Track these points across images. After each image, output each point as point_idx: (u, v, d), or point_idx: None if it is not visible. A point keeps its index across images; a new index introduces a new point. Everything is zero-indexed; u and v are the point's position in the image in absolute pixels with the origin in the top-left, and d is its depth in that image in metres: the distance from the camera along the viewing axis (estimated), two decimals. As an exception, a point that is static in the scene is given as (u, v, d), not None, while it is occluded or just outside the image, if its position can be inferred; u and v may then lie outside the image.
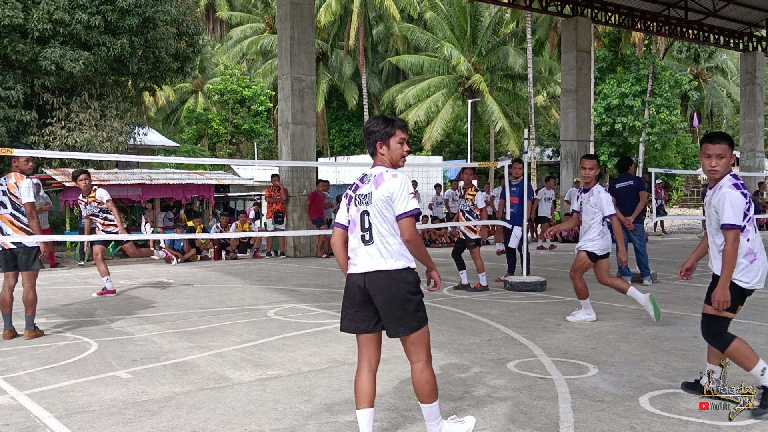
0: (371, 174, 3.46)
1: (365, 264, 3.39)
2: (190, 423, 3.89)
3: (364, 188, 3.44)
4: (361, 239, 3.41)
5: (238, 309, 7.86)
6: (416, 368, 3.41)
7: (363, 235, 3.40)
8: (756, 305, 7.70)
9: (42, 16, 15.46)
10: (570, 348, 5.65)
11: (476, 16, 36.06)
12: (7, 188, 6.41)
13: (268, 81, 38.15)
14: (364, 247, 3.40)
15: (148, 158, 11.79)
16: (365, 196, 3.41)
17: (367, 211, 3.40)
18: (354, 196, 3.48)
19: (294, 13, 15.02)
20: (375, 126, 3.46)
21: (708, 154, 4.00)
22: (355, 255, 3.44)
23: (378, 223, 3.37)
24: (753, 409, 3.89)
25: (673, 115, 33.46)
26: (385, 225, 3.36)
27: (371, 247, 3.38)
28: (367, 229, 3.39)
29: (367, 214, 3.39)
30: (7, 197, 6.41)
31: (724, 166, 3.98)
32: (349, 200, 3.52)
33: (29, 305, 6.47)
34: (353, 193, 3.50)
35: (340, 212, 3.58)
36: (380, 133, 3.44)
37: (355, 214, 3.45)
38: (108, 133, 17.48)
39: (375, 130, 3.44)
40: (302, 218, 15.03)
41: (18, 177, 6.48)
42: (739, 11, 24.23)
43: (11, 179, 6.47)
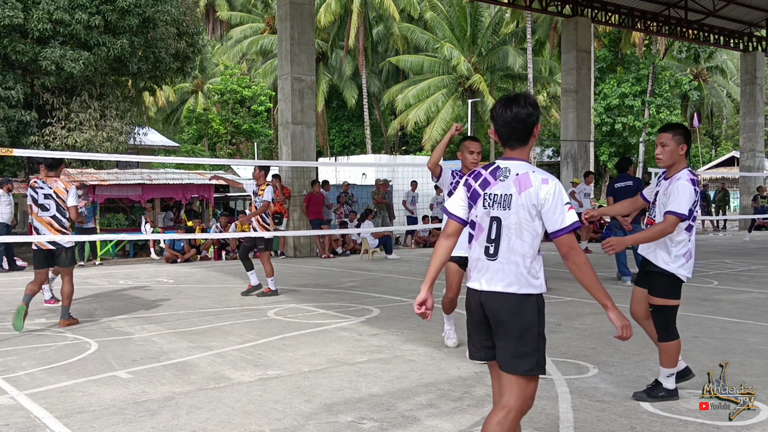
0: (509, 169, 2.77)
1: (486, 281, 2.76)
2: (190, 423, 3.89)
3: (498, 187, 2.76)
4: (485, 251, 2.78)
5: (238, 309, 7.86)
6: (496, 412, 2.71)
7: (488, 246, 2.77)
8: (756, 305, 7.70)
9: (42, 16, 15.45)
10: (570, 348, 5.65)
11: (476, 16, 36.06)
12: (53, 192, 6.89)
13: (268, 81, 38.15)
14: (487, 261, 2.77)
15: (148, 158, 11.80)
16: (501, 198, 2.75)
17: (498, 218, 2.74)
18: (483, 195, 2.80)
19: (294, 13, 15.03)
20: (528, 107, 2.76)
21: (656, 143, 4.26)
22: (476, 268, 2.82)
23: (512, 235, 2.72)
24: (636, 392, 4.24)
25: (673, 115, 33.47)
26: (519, 239, 2.72)
27: (494, 264, 2.75)
28: (493, 241, 2.75)
29: (499, 222, 2.74)
30: (52, 200, 6.88)
31: (667, 155, 4.15)
32: (474, 196, 2.83)
33: (66, 297, 6.94)
34: (482, 189, 2.81)
35: (455, 202, 2.89)
36: (537, 115, 2.77)
37: (483, 218, 2.80)
38: (108, 133, 17.47)
39: (532, 111, 2.75)
40: (302, 218, 15.05)
41: (66, 183, 7.01)
42: (739, 11, 24.23)
43: (58, 184, 6.94)
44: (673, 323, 4.18)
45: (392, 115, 41.39)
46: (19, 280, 11.16)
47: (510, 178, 2.75)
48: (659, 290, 4.18)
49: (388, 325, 6.70)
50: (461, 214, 2.88)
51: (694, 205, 4.05)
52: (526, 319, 2.71)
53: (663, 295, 4.17)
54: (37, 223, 6.90)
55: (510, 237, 2.74)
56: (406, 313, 7.39)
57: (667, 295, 4.16)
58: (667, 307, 4.18)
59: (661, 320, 4.20)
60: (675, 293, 4.17)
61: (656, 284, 4.19)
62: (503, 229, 2.74)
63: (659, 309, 4.20)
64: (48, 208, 6.86)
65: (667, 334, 4.17)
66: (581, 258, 2.70)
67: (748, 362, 5.08)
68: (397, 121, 37.46)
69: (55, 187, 6.92)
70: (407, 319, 7.02)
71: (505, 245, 2.74)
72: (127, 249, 15.46)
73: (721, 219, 23.02)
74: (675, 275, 4.14)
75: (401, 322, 6.85)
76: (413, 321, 6.93)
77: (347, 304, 8.04)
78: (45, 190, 6.89)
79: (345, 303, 8.16)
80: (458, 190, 2.91)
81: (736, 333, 6.15)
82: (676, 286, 4.17)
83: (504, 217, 2.74)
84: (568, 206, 2.70)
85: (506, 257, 2.74)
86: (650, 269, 4.21)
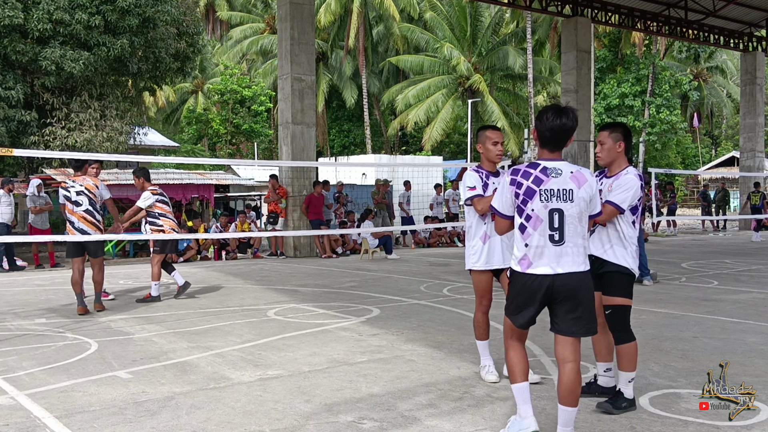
0: (559, 169, 3.31)
1: (556, 264, 3.28)
2: (190, 423, 3.89)
3: (554, 183, 3.28)
4: (550, 238, 3.28)
5: (238, 309, 7.86)
6: (571, 368, 3.32)
7: (552, 234, 3.28)
8: (756, 305, 7.70)
9: (42, 16, 15.45)
10: (570, 348, 5.65)
11: (476, 16, 36.06)
12: (84, 188, 7.54)
13: (268, 81, 38.16)
14: (554, 247, 3.28)
15: (148, 158, 11.80)
16: (561, 192, 3.28)
17: (561, 209, 3.27)
18: (539, 191, 3.28)
19: (294, 13, 15.02)
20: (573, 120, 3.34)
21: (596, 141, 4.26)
22: (541, 255, 3.30)
23: (575, 222, 3.29)
24: (600, 402, 4.09)
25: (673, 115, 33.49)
26: (580, 225, 3.31)
27: (564, 248, 3.28)
28: (557, 229, 3.27)
29: (561, 212, 3.27)
30: (84, 196, 7.51)
31: (606, 153, 4.15)
32: (527, 191, 3.31)
33: (98, 283, 7.68)
34: (536, 186, 3.29)
35: (503, 201, 3.43)
36: (575, 125, 3.36)
37: (541, 211, 3.29)
38: (108, 133, 17.47)
39: (574, 124, 3.34)
40: (302, 218, 15.05)
41: (95, 180, 7.69)
42: (739, 11, 24.23)
43: (88, 181, 7.60)
44: (629, 323, 4.08)
45: (392, 115, 41.40)
46: (19, 279, 11.17)
47: (564, 175, 3.29)
48: (617, 289, 4.04)
49: (388, 325, 6.70)
50: (511, 213, 3.42)
51: (639, 201, 4.08)
52: (592, 291, 3.37)
53: (622, 294, 4.04)
54: (72, 217, 7.51)
55: (574, 224, 3.30)
56: (406, 313, 7.39)
57: (626, 294, 4.05)
58: (624, 307, 4.05)
59: (619, 322, 4.06)
60: (630, 291, 4.08)
61: (614, 283, 4.05)
62: (566, 218, 3.28)
63: (617, 310, 4.05)
64: (82, 203, 7.49)
65: (627, 335, 4.05)
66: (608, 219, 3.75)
67: (748, 362, 5.08)
68: (397, 121, 37.47)
69: (86, 184, 7.57)
70: (407, 319, 7.02)
71: (571, 231, 3.29)
72: (127, 249, 15.46)
73: (721, 219, 23.02)
74: (632, 272, 4.06)
75: (401, 322, 6.85)
76: (413, 321, 6.93)
77: (347, 304, 8.04)
78: (78, 188, 7.53)
79: (345, 303, 8.16)
80: (504, 190, 3.39)
81: (736, 333, 6.15)
82: (632, 283, 4.10)
83: (566, 208, 3.28)
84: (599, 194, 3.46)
85: (573, 241, 3.29)
86: (605, 269, 4.06)
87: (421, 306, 7.90)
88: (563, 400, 3.31)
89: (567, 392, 3.30)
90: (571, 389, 3.29)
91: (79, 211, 7.49)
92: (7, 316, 7.49)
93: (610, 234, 4.07)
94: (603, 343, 4.24)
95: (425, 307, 7.84)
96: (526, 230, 3.33)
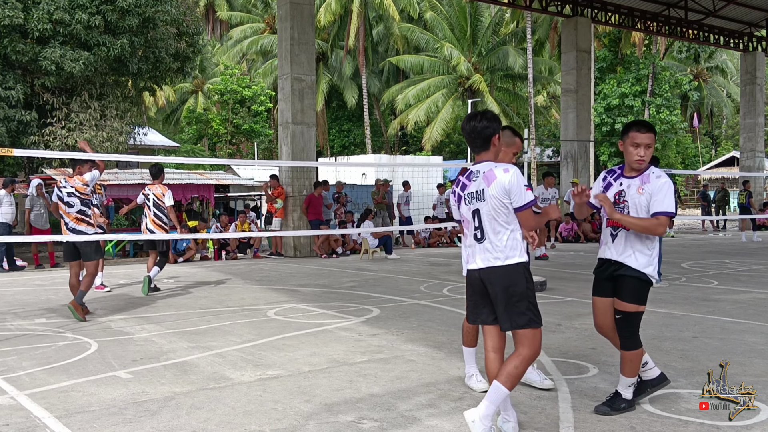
0: (479, 170, 3.54)
1: (480, 261, 3.53)
2: (190, 423, 3.89)
3: (473, 186, 3.55)
4: (474, 237, 3.56)
5: (238, 309, 7.86)
6: (513, 355, 3.47)
7: (476, 233, 3.55)
8: (756, 305, 7.70)
9: (42, 16, 15.45)
10: (570, 348, 5.65)
11: (476, 16, 36.05)
12: (74, 189, 7.44)
13: (268, 81, 38.15)
14: (477, 244, 3.55)
15: (148, 158, 11.79)
16: (476, 193, 3.52)
17: (478, 209, 3.52)
18: (464, 196, 3.60)
19: (294, 13, 15.02)
20: (484, 121, 3.53)
21: (637, 143, 3.89)
22: (471, 252, 3.60)
23: (490, 220, 3.49)
24: (598, 405, 4.02)
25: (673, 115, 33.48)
26: (496, 222, 3.48)
27: (484, 245, 3.51)
28: (478, 227, 3.52)
29: (479, 212, 3.52)
30: (75, 197, 7.43)
31: (650, 155, 3.92)
32: (458, 199, 3.65)
33: (85, 285, 7.40)
34: (462, 192, 3.61)
35: (453, 211, 3.78)
36: (493, 128, 3.54)
37: (467, 213, 3.59)
38: (108, 133, 17.47)
39: (488, 125, 3.52)
40: (302, 218, 15.05)
41: (82, 179, 7.51)
42: (739, 11, 24.24)
43: (76, 182, 7.47)
44: (638, 330, 3.96)
45: (392, 115, 41.41)
46: (20, 279, 11.17)
47: (480, 177, 3.51)
48: (631, 296, 3.91)
49: (388, 325, 6.70)
50: (457, 217, 3.74)
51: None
52: (517, 285, 3.46)
53: (635, 300, 3.91)
54: (66, 217, 7.46)
55: (490, 222, 3.49)
56: (406, 313, 7.39)
57: (640, 301, 3.92)
58: (635, 314, 3.93)
59: (629, 328, 3.93)
60: (645, 298, 3.95)
61: (629, 289, 3.91)
62: (483, 216, 3.50)
63: (627, 316, 3.93)
64: (74, 204, 7.43)
65: (634, 342, 3.93)
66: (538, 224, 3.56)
67: (748, 362, 5.08)
68: (397, 121, 37.47)
69: (75, 185, 7.47)
70: (407, 319, 7.02)
71: (488, 228, 3.50)
72: (127, 249, 15.46)
73: (721, 219, 23.02)
74: (648, 279, 3.93)
75: (401, 322, 6.85)
76: (413, 321, 6.93)
77: (347, 304, 8.04)
78: (69, 189, 7.45)
79: (345, 303, 8.16)
80: (452, 202, 3.74)
81: (736, 333, 6.15)
82: (647, 290, 3.96)
83: (482, 207, 3.50)
84: (527, 188, 3.44)
85: (491, 238, 3.50)
86: (622, 273, 3.93)
87: (421, 306, 7.90)
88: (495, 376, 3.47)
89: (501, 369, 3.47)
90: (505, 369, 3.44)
91: (72, 212, 7.46)
92: (7, 316, 7.50)
93: (636, 239, 3.92)
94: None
95: (425, 307, 7.84)
96: (465, 233, 3.67)
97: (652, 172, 3.92)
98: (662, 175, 3.90)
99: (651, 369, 4.13)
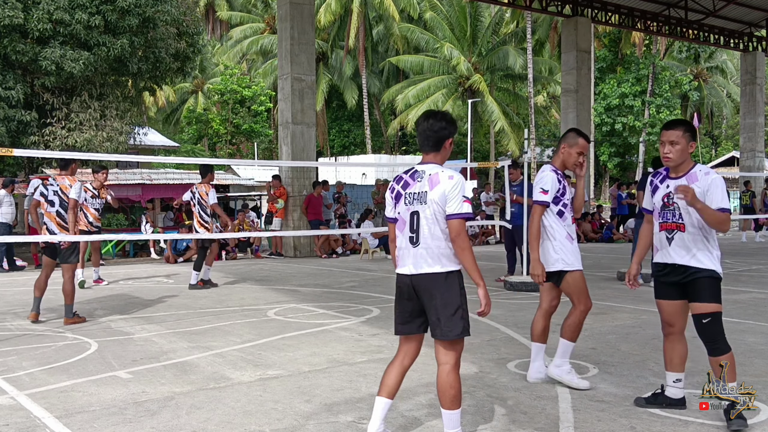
0: (424, 171, 3.35)
1: (412, 266, 3.32)
2: (190, 423, 3.89)
3: (416, 186, 3.33)
4: (410, 240, 3.33)
5: (238, 309, 7.86)
6: (442, 370, 3.32)
7: (411, 236, 3.32)
8: (756, 305, 7.70)
9: (42, 16, 15.44)
10: (570, 348, 5.65)
11: (476, 16, 36.07)
12: (59, 188, 7.22)
13: (268, 81, 38.16)
14: (412, 248, 3.32)
15: (148, 158, 11.80)
16: (418, 195, 3.32)
17: (417, 212, 3.31)
18: (404, 194, 3.38)
19: (294, 13, 15.02)
20: (442, 122, 3.38)
21: (663, 141, 3.90)
22: (403, 255, 3.37)
23: (430, 224, 3.28)
24: (642, 399, 4.03)
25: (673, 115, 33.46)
26: (436, 227, 3.28)
27: (418, 249, 3.30)
28: (415, 231, 3.31)
29: (417, 215, 3.31)
30: (57, 197, 7.20)
31: (679, 154, 3.83)
32: (397, 197, 3.42)
33: (67, 295, 7.09)
34: (403, 190, 3.39)
35: (387, 207, 3.52)
36: (450, 131, 3.39)
37: (405, 213, 3.36)
38: (108, 133, 17.46)
39: (446, 126, 3.37)
40: (302, 218, 15.06)
41: (71, 179, 7.34)
42: (739, 11, 24.24)
43: (65, 181, 7.27)
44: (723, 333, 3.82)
45: (392, 115, 41.42)
46: (19, 279, 11.16)
47: (425, 179, 3.32)
48: (710, 294, 3.77)
49: (388, 325, 6.70)
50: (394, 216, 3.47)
51: None
52: (452, 293, 3.27)
53: (716, 299, 3.77)
54: (47, 218, 7.22)
55: (429, 226, 3.28)
56: (406, 313, 7.38)
57: (719, 298, 3.79)
58: (720, 314, 3.80)
59: (717, 330, 3.78)
60: (720, 297, 3.82)
61: (705, 288, 3.77)
62: (422, 220, 3.29)
63: (715, 317, 3.77)
64: (55, 203, 7.19)
65: (725, 344, 3.78)
66: (465, 243, 3.25)
67: (748, 362, 5.08)
68: (397, 121, 37.48)
69: (61, 184, 7.25)
70: (407, 319, 7.01)
71: (426, 233, 3.28)
72: (127, 249, 15.46)
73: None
74: (720, 276, 3.83)
75: (401, 322, 6.84)
76: (413, 321, 6.92)
77: (347, 304, 8.04)
78: (54, 187, 7.25)
79: (345, 303, 8.16)
80: (387, 198, 3.51)
81: (736, 333, 6.14)
82: (720, 288, 3.84)
83: (421, 210, 3.29)
84: (465, 199, 3.25)
85: (427, 243, 3.28)
86: (693, 276, 3.81)
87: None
88: (441, 403, 3.32)
89: (440, 393, 3.31)
90: (441, 390, 3.29)
91: (52, 211, 7.20)
92: (7, 316, 7.50)
93: (699, 239, 3.82)
94: (677, 352, 4.01)
95: (425, 307, 7.83)
96: (397, 234, 3.44)
97: (699, 170, 3.86)
98: (710, 171, 3.85)
99: (680, 388, 4.06)
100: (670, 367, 4.05)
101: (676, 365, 4.03)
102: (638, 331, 6.32)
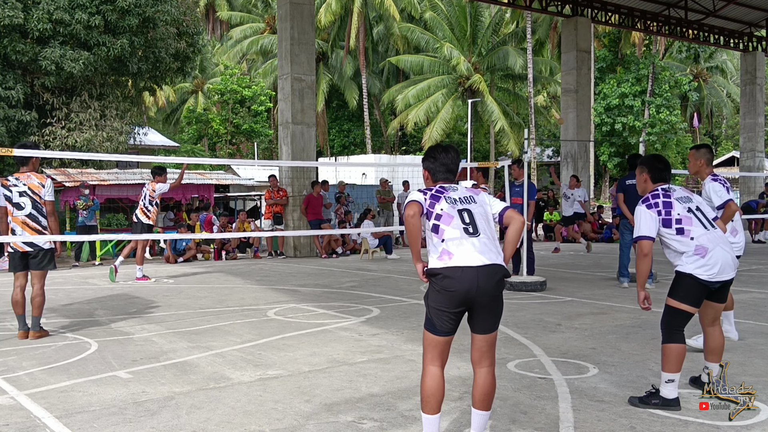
0: (455, 186, 3.49)
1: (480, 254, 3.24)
2: (190, 423, 3.89)
3: (455, 193, 3.41)
4: (465, 231, 3.27)
5: (238, 309, 7.86)
6: (489, 372, 3.37)
7: (465, 227, 3.28)
8: (756, 305, 7.70)
9: (42, 16, 15.45)
10: (570, 348, 5.65)
11: (476, 16, 36.06)
12: (28, 188, 6.31)
13: (268, 81, 38.15)
14: (470, 238, 3.26)
15: (148, 158, 11.79)
16: (463, 197, 3.40)
17: (468, 209, 3.35)
18: (443, 197, 3.37)
19: (294, 13, 15.02)
20: (456, 154, 3.61)
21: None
22: (460, 245, 3.25)
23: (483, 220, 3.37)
24: (631, 398, 4.14)
25: (673, 115, 33.49)
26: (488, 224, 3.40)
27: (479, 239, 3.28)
28: (469, 223, 3.31)
29: (468, 211, 3.35)
30: (27, 197, 6.30)
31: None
32: (434, 197, 3.36)
33: (37, 306, 6.34)
34: (441, 194, 3.39)
35: (410, 212, 3.35)
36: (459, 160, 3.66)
37: (450, 210, 3.32)
38: (108, 133, 17.47)
39: (458, 156, 3.62)
40: (302, 218, 15.05)
41: (41, 177, 6.43)
42: (739, 11, 24.22)
43: (33, 179, 6.36)
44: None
45: (392, 115, 41.41)
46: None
47: (461, 188, 3.48)
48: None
49: (388, 325, 6.70)
50: (428, 209, 3.44)
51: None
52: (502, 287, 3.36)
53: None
54: (13, 223, 6.33)
55: (482, 221, 3.36)
56: (406, 313, 7.39)
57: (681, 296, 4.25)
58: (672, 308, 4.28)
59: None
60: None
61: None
62: (476, 215, 3.34)
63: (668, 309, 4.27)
64: (24, 206, 6.30)
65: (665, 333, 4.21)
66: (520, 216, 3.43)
67: (748, 362, 5.08)
68: (397, 121, 37.47)
69: (30, 183, 6.34)
70: (407, 319, 7.02)
71: (482, 225, 3.33)
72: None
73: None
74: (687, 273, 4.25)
75: (401, 322, 6.85)
76: (413, 321, 6.93)
77: (347, 304, 8.04)
78: (21, 188, 6.31)
79: (345, 303, 8.16)
80: (418, 199, 3.46)
81: (737, 333, 6.14)
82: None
83: (473, 208, 3.37)
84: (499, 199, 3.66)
85: (487, 234, 3.32)
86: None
87: (421, 306, 7.90)
88: (480, 406, 3.38)
89: (483, 396, 3.37)
90: (486, 392, 3.37)
91: (20, 216, 6.28)
92: (7, 316, 7.49)
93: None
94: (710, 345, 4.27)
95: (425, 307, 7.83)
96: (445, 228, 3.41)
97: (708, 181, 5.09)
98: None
99: (674, 387, 4.06)
100: (667, 368, 4.08)
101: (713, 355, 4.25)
102: (638, 331, 6.32)
